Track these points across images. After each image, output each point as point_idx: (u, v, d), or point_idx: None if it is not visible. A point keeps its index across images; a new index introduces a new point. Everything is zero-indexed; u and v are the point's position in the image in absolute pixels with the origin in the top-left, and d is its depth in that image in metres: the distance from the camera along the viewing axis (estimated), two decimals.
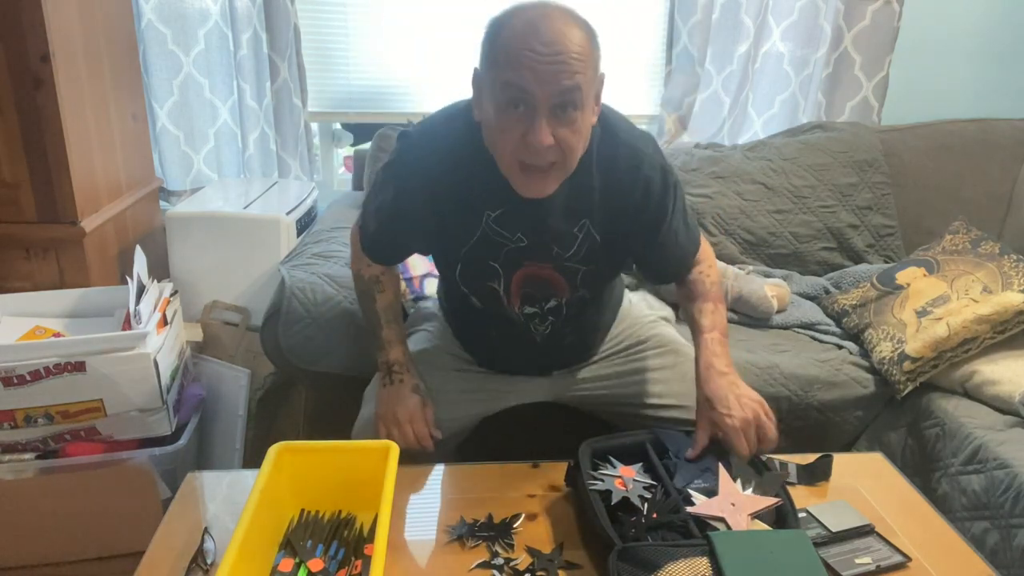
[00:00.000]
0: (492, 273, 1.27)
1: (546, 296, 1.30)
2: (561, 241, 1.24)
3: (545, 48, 1.02)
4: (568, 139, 1.08)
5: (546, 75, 1.03)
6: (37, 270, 1.80)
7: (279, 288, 1.68)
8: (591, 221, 1.23)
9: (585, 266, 1.27)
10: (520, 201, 1.17)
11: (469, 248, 1.25)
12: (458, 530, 1.14)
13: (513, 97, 1.06)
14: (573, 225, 1.23)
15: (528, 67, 1.03)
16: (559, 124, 1.07)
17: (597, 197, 1.22)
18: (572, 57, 1.03)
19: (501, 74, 1.06)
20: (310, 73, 2.39)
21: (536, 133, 1.05)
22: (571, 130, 1.08)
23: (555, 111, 1.06)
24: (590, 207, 1.22)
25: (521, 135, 1.07)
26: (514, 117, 1.07)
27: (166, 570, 1.05)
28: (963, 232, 2.09)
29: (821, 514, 1.17)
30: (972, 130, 2.44)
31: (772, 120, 2.60)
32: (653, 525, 1.08)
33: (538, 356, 1.43)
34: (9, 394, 1.52)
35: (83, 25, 1.81)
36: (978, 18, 2.59)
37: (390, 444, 1.12)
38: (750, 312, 2.02)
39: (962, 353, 1.74)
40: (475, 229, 1.23)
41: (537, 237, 1.23)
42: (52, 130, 1.70)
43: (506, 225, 1.22)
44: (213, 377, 1.96)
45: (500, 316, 1.35)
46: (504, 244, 1.24)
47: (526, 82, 1.04)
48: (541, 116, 1.05)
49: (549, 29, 1.03)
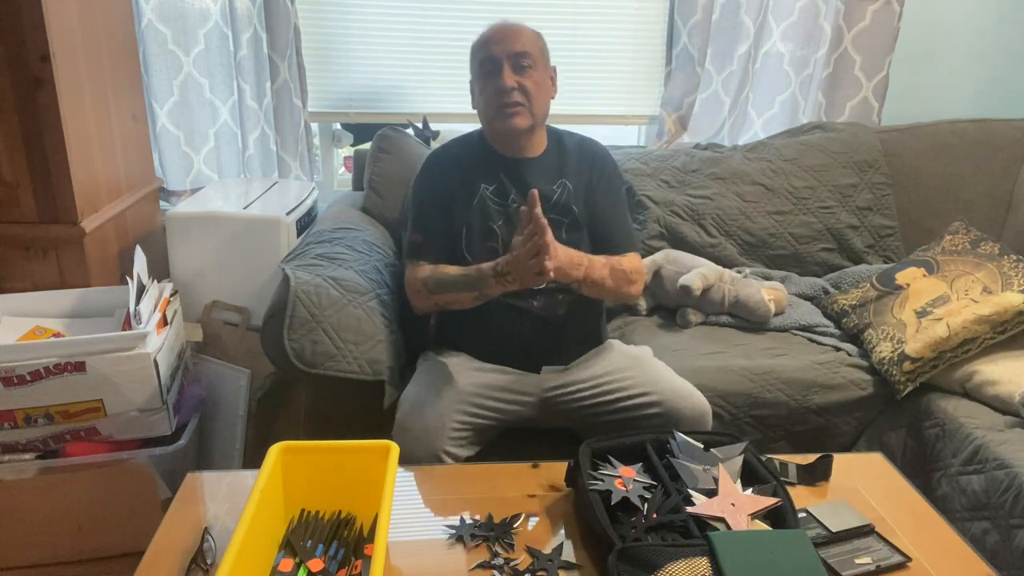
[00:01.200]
0: (491, 233, 1.61)
1: None
2: (543, 195, 1.52)
3: (501, 33, 1.58)
4: (527, 85, 1.56)
5: (503, 41, 1.56)
6: (37, 270, 1.80)
7: (281, 287, 1.67)
8: (567, 180, 1.64)
9: (565, 218, 1.61)
10: (510, 173, 1.63)
11: (471, 212, 1.62)
12: (458, 530, 1.14)
13: (485, 67, 1.58)
14: (553, 182, 1.64)
15: (491, 42, 1.57)
16: (519, 75, 1.56)
17: (573, 161, 1.67)
18: (522, 35, 1.58)
19: (477, 59, 1.60)
20: (310, 73, 2.39)
21: (502, 78, 1.55)
22: (529, 80, 1.56)
23: (514, 66, 1.55)
24: (567, 169, 1.66)
25: (494, 89, 1.56)
26: (489, 80, 1.57)
27: (166, 570, 1.05)
28: (963, 232, 2.09)
29: (821, 514, 1.17)
30: (972, 130, 2.44)
31: (772, 120, 2.60)
32: (653, 525, 1.08)
33: (533, 334, 1.58)
34: (9, 394, 1.52)
35: (83, 25, 1.81)
36: (978, 18, 2.59)
37: (390, 444, 1.12)
38: (747, 316, 2.01)
39: (962, 353, 1.74)
40: (473, 197, 1.63)
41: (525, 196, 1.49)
42: (52, 130, 1.70)
43: (500, 195, 1.63)
44: (213, 377, 1.96)
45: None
46: (502, 210, 1.62)
47: (490, 50, 1.56)
48: (506, 67, 1.55)
49: (507, 24, 1.60)
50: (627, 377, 1.56)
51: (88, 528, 1.67)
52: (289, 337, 1.60)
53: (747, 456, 1.22)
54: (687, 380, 1.60)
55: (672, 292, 2.04)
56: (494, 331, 1.60)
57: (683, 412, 1.49)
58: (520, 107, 1.56)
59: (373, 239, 2.01)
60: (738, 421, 1.76)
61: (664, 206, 2.26)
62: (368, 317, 1.66)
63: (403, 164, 2.19)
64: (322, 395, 1.74)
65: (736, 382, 1.76)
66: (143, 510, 1.64)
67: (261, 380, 2.02)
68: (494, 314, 1.58)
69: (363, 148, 2.39)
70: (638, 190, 2.27)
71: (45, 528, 1.65)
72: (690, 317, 2.03)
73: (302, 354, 1.61)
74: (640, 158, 2.34)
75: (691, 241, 2.25)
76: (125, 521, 1.66)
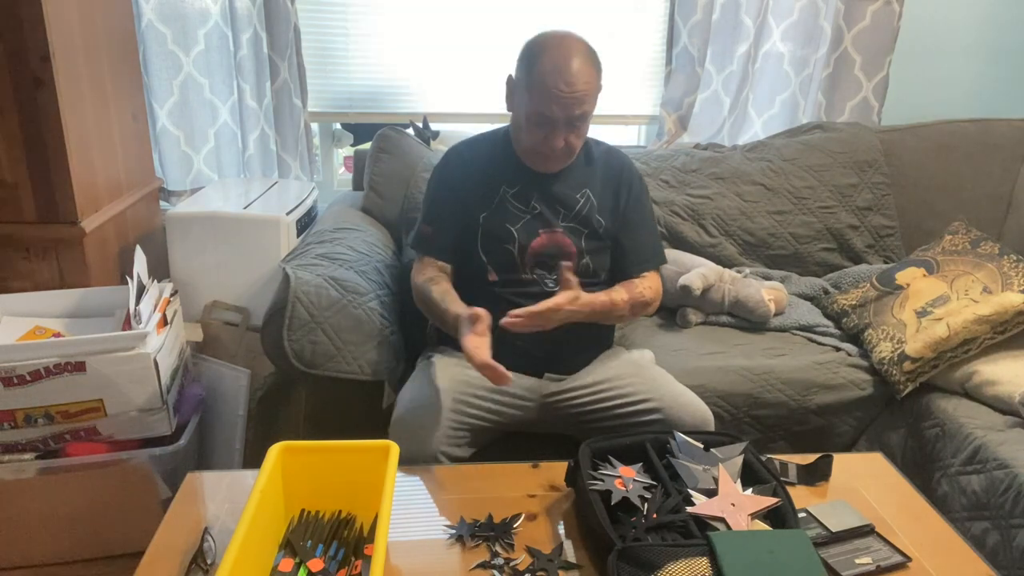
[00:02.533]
0: (508, 236, 1.57)
1: (556, 258, 1.56)
2: (565, 203, 1.58)
3: (567, 88, 1.42)
4: (574, 142, 1.51)
5: (566, 107, 1.44)
6: (37, 270, 1.80)
7: (282, 287, 1.68)
8: (592, 191, 1.60)
9: (585, 228, 1.59)
10: (532, 179, 1.58)
11: (489, 213, 1.57)
12: (458, 530, 1.14)
13: (541, 120, 1.47)
14: (576, 191, 1.60)
15: (554, 102, 1.43)
16: (570, 132, 1.49)
17: (600, 172, 1.62)
18: (585, 94, 1.44)
19: (533, 103, 1.46)
20: (310, 73, 2.39)
21: (553, 140, 1.48)
22: (576, 135, 1.51)
23: (568, 126, 1.48)
24: (593, 179, 1.61)
25: (543, 137, 1.49)
26: (537, 128, 1.48)
27: (166, 570, 1.05)
28: (963, 232, 2.09)
29: (821, 514, 1.17)
30: (972, 130, 2.44)
31: (772, 120, 2.60)
32: (653, 525, 1.08)
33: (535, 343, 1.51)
34: (9, 394, 1.52)
35: (83, 25, 1.81)
36: (978, 18, 2.59)
37: (390, 444, 1.12)
38: (747, 316, 2.01)
39: (962, 353, 1.74)
40: (493, 198, 1.58)
41: (546, 203, 1.58)
42: (52, 130, 1.70)
43: (521, 199, 1.58)
44: (213, 377, 1.96)
45: (513, 284, 1.57)
46: (521, 215, 1.58)
47: (552, 113, 1.45)
48: (559, 130, 1.47)
49: (571, 72, 1.42)
50: (628, 384, 1.54)
51: (88, 528, 1.67)
52: (289, 337, 1.60)
53: (747, 456, 1.22)
54: (688, 380, 1.60)
55: (672, 292, 2.04)
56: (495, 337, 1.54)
57: (683, 420, 1.47)
58: (560, 158, 1.53)
59: (373, 239, 2.01)
60: (738, 421, 1.76)
61: (664, 206, 2.26)
62: (368, 317, 1.66)
63: (403, 164, 2.19)
64: (322, 395, 1.74)
65: (736, 382, 1.76)
66: (143, 510, 1.64)
67: (261, 380, 2.02)
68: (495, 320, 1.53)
69: (363, 148, 2.39)
70: None
71: (45, 528, 1.65)
72: (690, 317, 2.03)
73: (302, 354, 1.61)
74: (640, 158, 2.34)
75: (691, 241, 2.25)
76: (125, 521, 1.66)
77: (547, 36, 1.48)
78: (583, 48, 1.46)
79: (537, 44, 1.47)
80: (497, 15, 2.43)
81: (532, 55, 1.46)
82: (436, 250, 1.61)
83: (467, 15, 2.42)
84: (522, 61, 1.49)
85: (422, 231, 1.63)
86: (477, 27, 2.43)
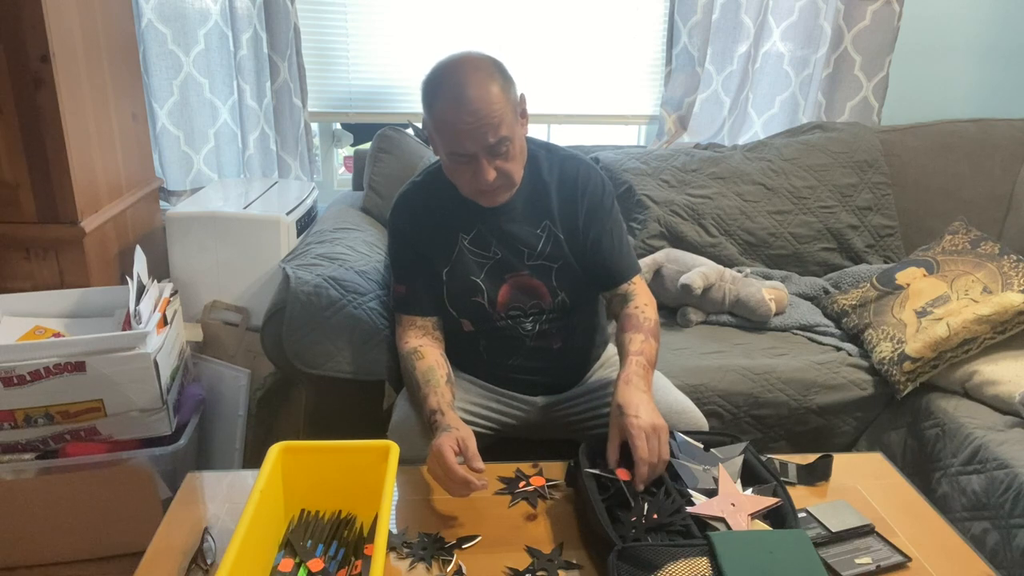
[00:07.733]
0: (475, 288, 1.46)
1: (530, 303, 1.47)
2: (527, 241, 1.45)
3: (472, 119, 1.27)
4: (506, 167, 1.34)
5: (479, 139, 1.28)
6: (37, 270, 1.80)
7: (282, 287, 1.68)
8: (551, 221, 1.46)
9: (554, 263, 1.46)
10: (488, 222, 1.44)
11: (451, 267, 1.46)
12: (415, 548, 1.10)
13: (460, 158, 1.32)
14: (536, 227, 1.46)
15: (463, 136, 1.28)
16: (497, 160, 1.32)
17: (554, 196, 1.46)
18: (494, 116, 1.28)
19: (446, 143, 1.32)
20: (310, 73, 2.39)
21: (481, 175, 1.32)
22: (506, 160, 1.33)
23: (491, 154, 1.31)
24: (549, 207, 1.46)
25: (472, 175, 1.33)
26: (464, 167, 1.34)
27: (166, 570, 1.05)
28: (963, 232, 2.09)
29: (821, 514, 1.17)
30: (972, 130, 2.44)
31: (772, 120, 2.60)
32: (653, 525, 1.08)
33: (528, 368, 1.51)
34: (9, 394, 1.52)
35: (83, 25, 1.81)
36: (978, 18, 2.59)
37: (390, 444, 1.12)
38: (748, 315, 2.01)
39: (962, 353, 1.74)
40: (452, 249, 1.46)
41: (507, 245, 1.45)
42: (52, 130, 1.70)
43: (479, 244, 1.45)
44: (213, 377, 1.96)
45: (490, 333, 1.49)
46: (484, 262, 1.46)
47: (465, 148, 1.30)
48: (482, 161, 1.31)
49: (471, 99, 1.27)
50: None
51: (88, 528, 1.67)
52: (289, 337, 1.60)
53: (747, 456, 1.22)
54: (688, 379, 1.59)
55: (673, 291, 2.04)
56: (488, 361, 1.53)
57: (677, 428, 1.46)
58: (501, 187, 1.36)
59: (373, 239, 2.01)
60: (738, 421, 1.76)
61: (664, 206, 2.26)
62: (368, 317, 1.66)
63: (403, 164, 2.19)
64: (322, 395, 1.74)
65: (736, 382, 1.76)
66: (143, 510, 1.64)
67: (261, 380, 2.02)
68: (488, 345, 1.51)
69: (363, 148, 2.39)
70: (638, 190, 2.27)
71: (45, 528, 1.65)
72: (691, 316, 2.03)
73: (302, 354, 1.61)
74: (640, 158, 2.34)
75: (691, 241, 2.25)
76: (125, 521, 1.66)
77: (439, 68, 1.33)
78: (479, 68, 1.30)
79: (432, 80, 1.33)
80: (497, 15, 2.43)
81: (430, 93, 1.32)
82: (417, 308, 1.49)
83: (467, 15, 2.42)
84: (423, 102, 1.34)
85: (397, 292, 1.51)
86: (477, 27, 2.43)
